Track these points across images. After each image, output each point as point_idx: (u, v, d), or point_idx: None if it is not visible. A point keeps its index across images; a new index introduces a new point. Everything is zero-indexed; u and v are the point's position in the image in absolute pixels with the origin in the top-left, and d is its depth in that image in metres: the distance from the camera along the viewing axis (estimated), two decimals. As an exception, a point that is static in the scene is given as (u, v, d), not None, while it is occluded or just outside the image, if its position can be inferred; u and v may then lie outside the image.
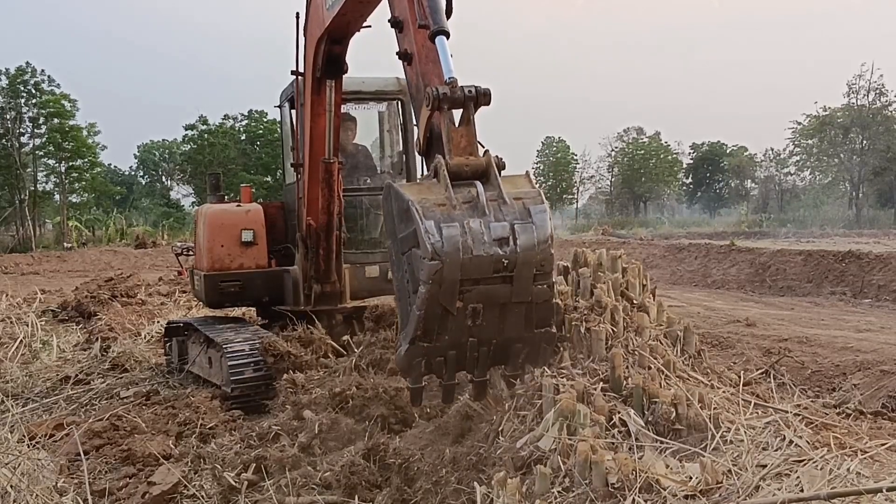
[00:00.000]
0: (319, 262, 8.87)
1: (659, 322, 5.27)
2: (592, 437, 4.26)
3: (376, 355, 7.27)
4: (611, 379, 4.76)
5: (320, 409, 6.64)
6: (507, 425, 4.87)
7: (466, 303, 4.52)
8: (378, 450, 5.59)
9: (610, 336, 4.97)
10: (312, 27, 7.85)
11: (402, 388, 6.57)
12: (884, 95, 48.89)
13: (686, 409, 4.44)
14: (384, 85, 9.56)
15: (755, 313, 14.13)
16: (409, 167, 9.88)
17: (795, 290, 18.79)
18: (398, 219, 4.68)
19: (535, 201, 4.59)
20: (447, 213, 4.45)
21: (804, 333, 11.39)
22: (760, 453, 4.06)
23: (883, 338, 11.00)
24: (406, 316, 4.74)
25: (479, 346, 4.71)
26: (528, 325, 4.70)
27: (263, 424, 6.74)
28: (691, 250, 24.54)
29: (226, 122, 56.09)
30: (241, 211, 9.68)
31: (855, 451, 3.96)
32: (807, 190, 56.91)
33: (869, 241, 27.80)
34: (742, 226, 45.51)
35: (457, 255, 4.34)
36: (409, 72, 5.36)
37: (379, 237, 9.60)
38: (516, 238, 4.44)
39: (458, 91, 4.80)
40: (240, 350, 8.32)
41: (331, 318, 9.07)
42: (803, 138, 54.29)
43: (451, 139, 4.81)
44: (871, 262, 18.29)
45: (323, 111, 8.25)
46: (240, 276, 9.34)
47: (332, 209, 8.60)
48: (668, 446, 4.28)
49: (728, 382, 5.01)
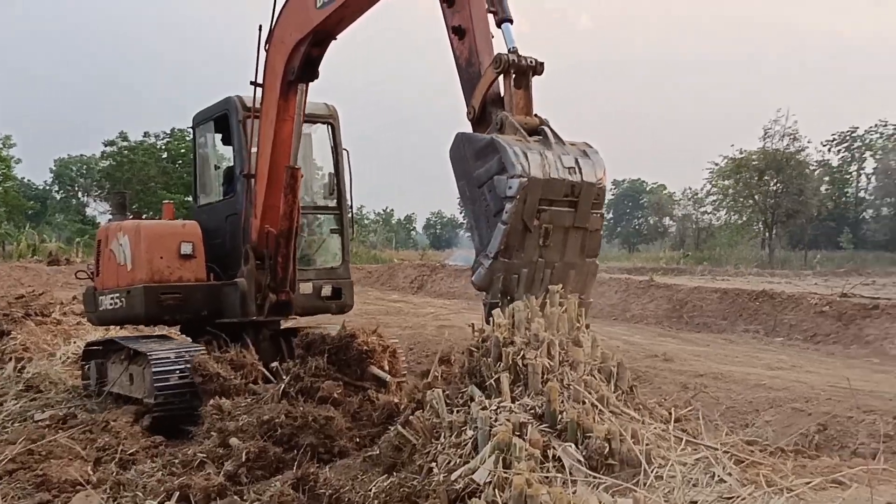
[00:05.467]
0: (278, 270, 8.93)
1: (593, 357, 5.35)
2: (528, 471, 4.28)
3: (306, 383, 7.19)
4: (546, 413, 4.80)
5: (247, 436, 6.53)
6: (441, 457, 4.86)
7: (541, 222, 5.47)
8: (308, 479, 5.52)
9: (546, 370, 5.02)
10: (290, 31, 8.17)
11: (332, 417, 6.57)
12: (797, 140, 50.77)
13: (619, 444, 4.50)
14: (314, 108, 9.63)
15: (672, 348, 14.35)
16: (339, 189, 10.04)
17: (711, 326, 19.13)
18: (473, 157, 5.58)
19: (588, 146, 5.78)
20: (526, 145, 5.43)
21: (719, 369, 11.61)
22: (691, 490, 4.15)
23: (794, 376, 11.30)
24: (486, 238, 5.53)
25: (544, 268, 5.60)
26: (582, 252, 5.76)
27: (188, 451, 6.61)
28: (612, 285, 24.87)
29: (147, 139, 55.08)
30: (178, 224, 9.71)
31: (781, 489, 4.07)
32: (722, 229, 58.47)
33: (781, 280, 28.57)
34: (661, 262, 46.47)
35: (539, 174, 5.32)
36: (459, 46, 6.28)
37: (312, 255, 9.89)
38: (581, 169, 5.53)
39: (522, 59, 5.81)
40: (164, 357, 8.27)
41: (257, 334, 9.12)
42: (720, 179, 55.81)
43: (512, 100, 5.77)
44: (783, 302, 18.72)
45: (289, 117, 8.55)
46: (180, 288, 9.24)
47: (293, 215, 8.72)
48: (602, 481, 4.33)
49: (659, 418, 5.10)
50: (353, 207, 10.44)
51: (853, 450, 8.72)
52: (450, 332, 16.12)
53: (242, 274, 9.04)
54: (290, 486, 5.50)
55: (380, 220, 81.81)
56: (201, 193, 10.58)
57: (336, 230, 10.13)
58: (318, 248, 10.06)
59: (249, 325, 9.17)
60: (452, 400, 5.30)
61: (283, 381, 7.32)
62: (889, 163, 58.90)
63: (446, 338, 7.73)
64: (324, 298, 9.68)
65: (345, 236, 10.10)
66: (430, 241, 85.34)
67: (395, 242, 72.49)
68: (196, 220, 9.97)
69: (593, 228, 5.80)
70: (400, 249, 64.09)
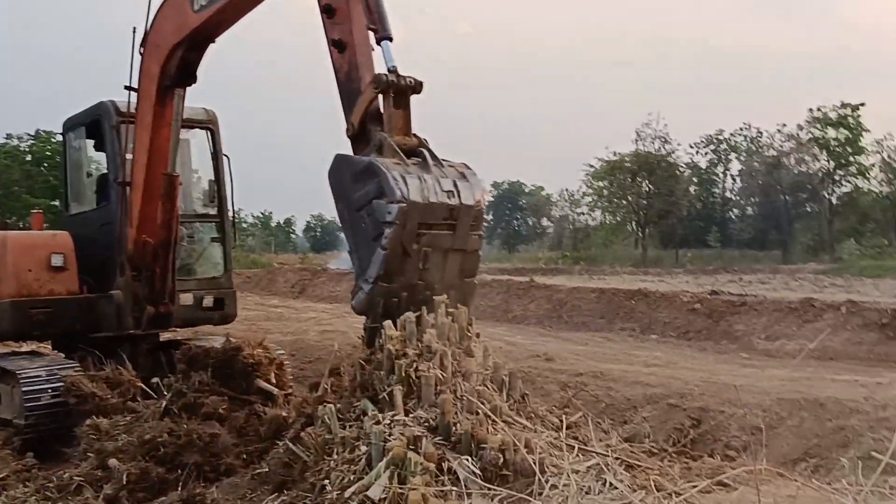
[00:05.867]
0: (156, 282, 8.62)
1: (485, 366, 5.36)
2: (423, 486, 4.24)
3: (189, 399, 6.95)
4: (440, 425, 4.77)
5: (128, 457, 6.27)
6: (333, 474, 4.76)
7: (421, 246, 5.52)
8: (194, 501, 5.37)
9: (439, 381, 5.00)
10: (164, 34, 7.94)
11: (217, 435, 6.38)
12: (668, 143, 52.80)
13: (513, 454, 4.52)
14: (193, 113, 9.34)
15: (553, 348, 14.55)
16: (220, 196, 9.80)
17: (590, 325, 19.51)
18: (352, 180, 5.57)
19: (466, 168, 5.88)
20: (405, 169, 5.46)
21: (598, 368, 11.82)
22: (584, 498, 4.19)
23: (669, 372, 11.65)
24: (366, 262, 5.54)
25: (424, 290, 5.63)
26: (461, 273, 5.87)
27: (63, 475, 6.29)
28: (493, 286, 25.11)
29: (9, 140, 52.33)
30: (47, 235, 9.35)
31: (670, 493, 4.17)
32: (598, 230, 60.14)
33: (654, 279, 29.56)
34: (540, 262, 47.37)
35: (418, 199, 5.36)
36: (339, 59, 6.21)
37: (192, 264, 9.59)
38: (459, 192, 5.60)
39: (402, 79, 5.83)
40: (35, 375, 7.89)
41: (134, 348, 8.81)
42: (595, 180, 57.44)
43: (391, 120, 5.78)
44: (657, 300, 19.30)
45: (166, 123, 8.27)
46: (51, 302, 8.82)
47: (172, 224, 8.44)
48: (497, 493, 4.33)
49: (551, 426, 5.16)
50: (234, 214, 10.18)
51: (726, 443, 9.11)
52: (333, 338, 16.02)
53: (118, 286, 8.71)
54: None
55: (258, 223, 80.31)
56: (73, 202, 10.16)
57: (217, 238, 9.85)
58: (199, 257, 9.74)
59: (126, 339, 8.85)
60: (344, 414, 5.21)
61: (165, 397, 7.05)
62: (753, 164, 61.81)
63: (336, 350, 7.59)
64: (205, 309, 9.44)
65: (226, 245, 9.85)
66: (311, 245, 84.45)
67: (275, 246, 71.42)
68: (67, 229, 9.53)
69: (472, 250, 5.92)
70: (279, 253, 63.17)
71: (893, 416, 8.52)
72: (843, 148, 56.10)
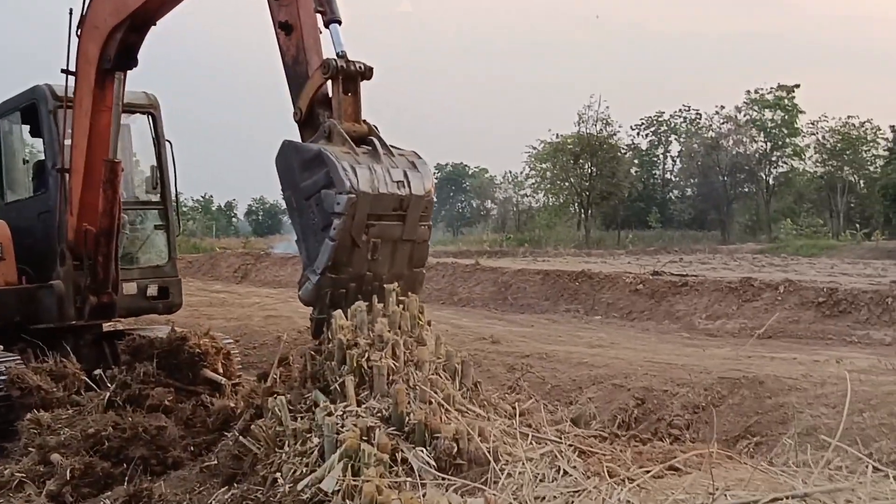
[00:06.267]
0: (98, 271, 8.42)
1: (437, 355, 5.34)
2: (377, 477, 4.20)
3: (134, 391, 6.79)
4: (393, 415, 4.73)
5: (71, 452, 6.12)
6: (286, 467, 4.70)
7: (370, 237, 5.45)
8: (141, 496, 5.26)
9: (391, 371, 4.96)
10: (103, 16, 7.74)
11: (164, 427, 6.27)
12: (609, 125, 53.21)
13: (467, 443, 4.50)
14: (133, 98, 9.11)
15: (499, 330, 14.62)
16: (163, 182, 9.60)
17: (535, 307, 19.64)
18: (301, 168, 5.50)
19: (417, 157, 5.80)
20: (355, 159, 5.37)
21: (544, 349, 11.90)
22: (538, 485, 4.20)
23: (613, 353, 11.77)
24: (314, 253, 5.48)
25: (372, 281, 5.59)
26: (410, 262, 5.83)
27: (3, 471, 6.10)
28: (439, 269, 25.10)
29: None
30: None
31: (623, 479, 4.20)
32: (541, 211, 60.44)
33: (597, 260, 29.79)
34: (484, 245, 47.50)
35: (368, 190, 5.28)
36: (286, 42, 6.09)
37: (135, 253, 9.40)
38: (409, 182, 5.53)
39: (351, 65, 5.73)
40: None
41: (77, 340, 8.61)
42: (538, 162, 57.69)
43: (340, 106, 5.69)
44: (601, 282, 19.48)
45: (106, 108, 8.08)
46: None
47: (114, 212, 8.23)
48: (451, 482, 4.32)
49: (503, 413, 5.16)
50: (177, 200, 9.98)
51: (669, 422, 9.25)
52: (278, 323, 15.89)
53: (59, 276, 8.49)
54: (123, 503, 5.20)
55: (199, 207, 79.06)
56: (8, 190, 9.84)
57: (161, 226, 9.66)
58: (142, 245, 9.54)
59: (69, 331, 8.64)
60: (295, 405, 5.15)
61: (109, 389, 6.88)
62: (692, 146, 62.67)
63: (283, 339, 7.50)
64: (150, 298, 9.27)
65: (170, 232, 9.66)
66: (253, 229, 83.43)
67: (216, 230, 70.43)
68: (3, 218, 9.23)
69: (421, 240, 5.89)
70: (221, 237, 62.30)
71: (831, 393, 8.74)
72: (779, 129, 57.22)
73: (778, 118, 57.09)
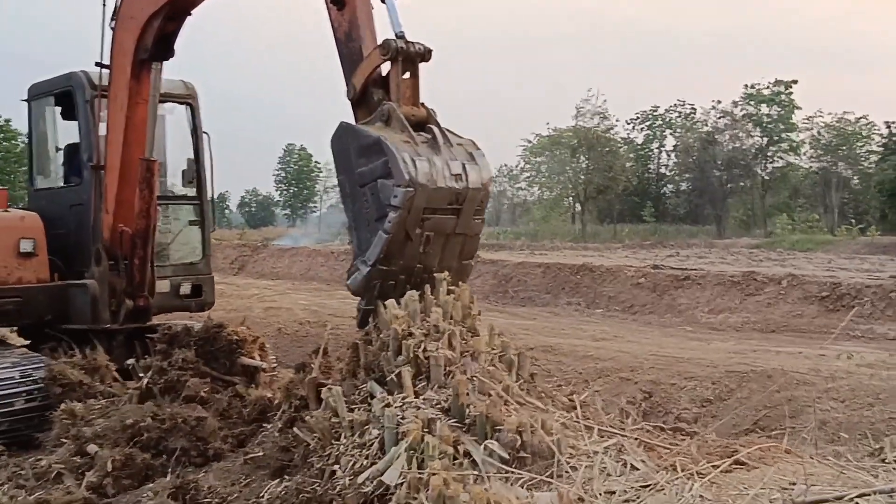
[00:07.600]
0: (134, 274, 8.10)
1: (492, 345, 5.25)
2: (443, 470, 4.11)
3: (172, 377, 6.64)
4: (453, 407, 4.64)
5: (108, 443, 6.00)
6: (343, 459, 4.61)
7: (423, 230, 5.32)
8: (188, 488, 5.14)
9: (448, 362, 4.87)
10: (140, 5, 7.55)
11: (203, 418, 6.16)
12: (607, 119, 53.20)
13: (531, 436, 4.41)
14: (170, 87, 8.78)
15: (501, 323, 14.46)
16: (199, 175, 9.27)
17: (536, 300, 19.57)
18: (357, 154, 5.33)
19: (475, 147, 5.63)
20: (414, 150, 5.21)
21: (548, 342, 11.87)
22: (607, 479, 4.12)
23: (617, 346, 11.77)
24: (366, 243, 5.35)
25: (422, 273, 5.47)
26: (460, 255, 5.73)
27: (41, 462, 5.97)
28: (439, 262, 25.00)
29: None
30: (16, 217, 8.59)
31: (692, 473, 4.12)
32: (536, 205, 60.42)
33: (594, 254, 29.73)
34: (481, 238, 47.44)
35: (427, 184, 5.14)
36: (338, 17, 5.88)
37: (168, 249, 8.97)
38: (467, 175, 5.38)
39: (412, 46, 5.57)
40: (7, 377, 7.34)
41: (110, 340, 8.22)
42: (533, 156, 57.67)
43: (399, 89, 5.54)
44: (602, 275, 19.45)
45: (143, 100, 7.84)
46: (20, 290, 8.19)
47: (151, 212, 7.97)
48: (517, 476, 4.23)
49: (562, 406, 5.08)
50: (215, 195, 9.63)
51: (677, 415, 9.22)
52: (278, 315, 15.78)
53: (93, 276, 8.17)
54: (169, 495, 5.11)
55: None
56: (38, 175, 9.59)
57: (196, 221, 9.28)
58: (175, 240, 9.10)
59: (101, 332, 8.26)
60: (348, 396, 5.05)
61: (143, 378, 6.72)
62: (687, 140, 62.68)
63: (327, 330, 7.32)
64: (182, 297, 8.95)
65: (205, 228, 9.32)
66: (246, 220, 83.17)
67: (212, 222, 69.89)
68: (33, 205, 8.99)
69: (473, 233, 5.80)
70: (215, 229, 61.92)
71: (840, 387, 8.74)
72: (775, 124, 57.30)
73: (774, 113, 57.15)
